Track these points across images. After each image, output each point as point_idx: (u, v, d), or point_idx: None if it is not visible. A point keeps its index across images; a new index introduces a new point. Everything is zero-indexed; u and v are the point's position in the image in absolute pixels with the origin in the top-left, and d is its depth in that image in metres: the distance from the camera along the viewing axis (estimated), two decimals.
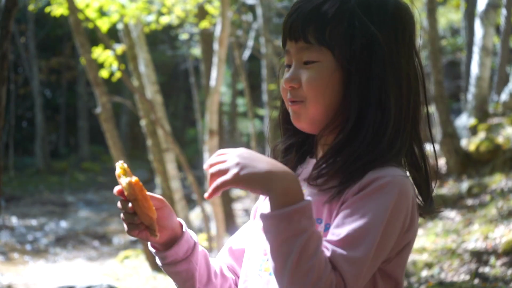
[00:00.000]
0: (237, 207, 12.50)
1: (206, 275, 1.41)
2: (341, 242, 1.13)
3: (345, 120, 1.24)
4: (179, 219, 1.37)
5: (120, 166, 1.26)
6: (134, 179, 1.24)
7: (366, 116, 1.23)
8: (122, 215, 1.26)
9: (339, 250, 1.12)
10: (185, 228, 1.37)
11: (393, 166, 1.22)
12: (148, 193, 1.26)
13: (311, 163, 1.31)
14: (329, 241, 1.14)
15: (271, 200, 1.12)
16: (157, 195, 1.32)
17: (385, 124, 1.23)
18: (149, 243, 1.37)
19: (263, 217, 1.13)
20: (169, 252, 1.35)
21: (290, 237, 1.09)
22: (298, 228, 1.09)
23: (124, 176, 1.25)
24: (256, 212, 1.45)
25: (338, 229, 1.15)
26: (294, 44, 1.30)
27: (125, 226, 1.28)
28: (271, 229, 1.11)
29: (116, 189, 1.25)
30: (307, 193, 1.26)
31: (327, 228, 1.20)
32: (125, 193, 1.23)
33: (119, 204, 1.26)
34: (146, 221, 1.24)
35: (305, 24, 1.27)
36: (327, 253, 1.12)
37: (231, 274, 1.46)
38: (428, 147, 1.34)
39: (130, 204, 1.24)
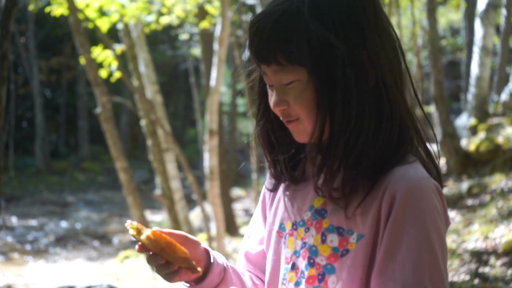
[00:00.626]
0: (237, 207, 12.50)
1: None
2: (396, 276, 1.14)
3: (333, 139, 1.23)
4: (202, 245, 1.36)
5: (130, 226, 1.23)
6: (150, 231, 1.22)
7: (336, 124, 1.22)
8: (156, 269, 1.27)
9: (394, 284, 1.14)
10: (211, 252, 1.37)
11: (410, 162, 1.21)
12: (165, 230, 1.26)
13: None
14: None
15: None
16: (176, 231, 1.31)
17: (372, 123, 1.21)
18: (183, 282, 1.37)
19: None
20: (205, 283, 1.34)
21: None
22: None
23: (139, 233, 1.23)
24: (267, 200, 1.45)
25: (395, 266, 1.15)
26: (267, 68, 1.26)
27: (163, 277, 1.28)
28: None
29: (137, 247, 1.24)
30: (330, 207, 1.26)
31: (359, 239, 1.20)
32: (149, 248, 1.22)
33: (148, 261, 1.25)
34: (183, 264, 1.24)
35: (270, 48, 1.23)
36: None
37: (258, 281, 1.46)
38: (430, 147, 1.32)
39: (158, 257, 1.23)
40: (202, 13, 9.30)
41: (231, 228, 9.75)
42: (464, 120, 8.81)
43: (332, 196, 1.22)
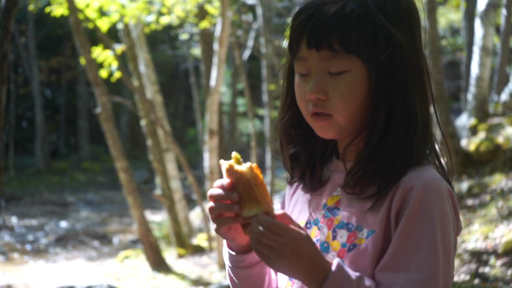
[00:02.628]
0: None
1: (269, 278, 1.38)
2: (409, 268, 1.16)
3: (372, 124, 1.22)
4: None
5: (234, 156, 1.22)
6: (254, 164, 1.19)
7: (394, 119, 1.21)
8: (218, 207, 1.21)
9: (408, 277, 1.15)
10: None
11: (424, 165, 1.23)
12: None
13: (339, 165, 1.29)
14: (398, 276, 1.16)
15: (307, 284, 1.18)
16: None
17: (414, 126, 1.22)
18: (225, 244, 1.32)
19: None
20: (248, 256, 1.29)
21: None
22: None
23: (238, 163, 1.20)
24: (287, 194, 1.43)
25: (401, 261, 1.16)
26: (315, 53, 1.21)
27: (218, 221, 1.22)
28: None
29: (223, 182, 1.20)
30: (345, 201, 1.26)
31: (369, 235, 1.21)
32: (247, 177, 1.16)
33: (220, 195, 1.20)
34: (265, 207, 1.16)
35: (328, 31, 1.19)
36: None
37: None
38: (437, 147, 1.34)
39: (235, 194, 1.18)
40: (202, 13, 9.30)
41: None
42: (464, 120, 8.81)
43: (362, 192, 1.22)
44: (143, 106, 8.67)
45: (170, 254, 8.92)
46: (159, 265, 7.99)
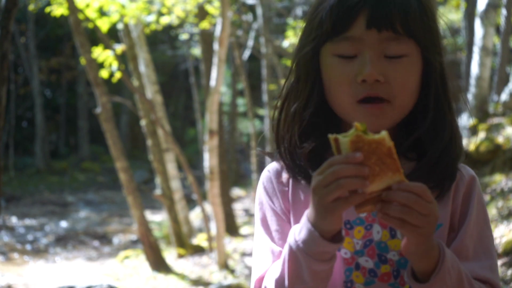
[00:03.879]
0: (237, 207, 12.49)
1: None
2: (479, 255, 1.22)
3: (418, 114, 1.20)
4: None
5: (357, 125, 1.04)
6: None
7: (440, 111, 1.20)
8: (343, 184, 1.03)
9: (481, 263, 1.21)
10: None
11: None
12: None
13: None
14: (468, 257, 1.21)
15: (421, 266, 1.13)
16: None
17: (455, 116, 1.24)
18: (310, 228, 1.10)
19: (426, 286, 1.13)
20: (336, 245, 1.11)
21: (457, 283, 1.14)
22: (455, 271, 1.14)
23: (365, 132, 1.05)
24: (282, 197, 1.28)
25: (468, 242, 1.22)
26: (375, 33, 1.15)
27: (332, 206, 1.05)
28: None
29: (353, 156, 1.02)
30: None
31: (437, 228, 1.21)
32: (388, 146, 1.03)
33: (349, 169, 1.02)
34: (402, 176, 1.05)
35: (393, 12, 1.14)
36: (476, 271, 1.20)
37: None
38: None
39: (366, 168, 1.03)
40: (202, 13, 9.30)
41: (231, 228, 9.75)
42: (464, 120, 8.81)
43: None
44: (143, 106, 8.67)
45: (170, 254, 8.92)
46: (159, 265, 7.99)
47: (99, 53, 7.61)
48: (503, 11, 9.01)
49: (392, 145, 1.04)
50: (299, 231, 1.13)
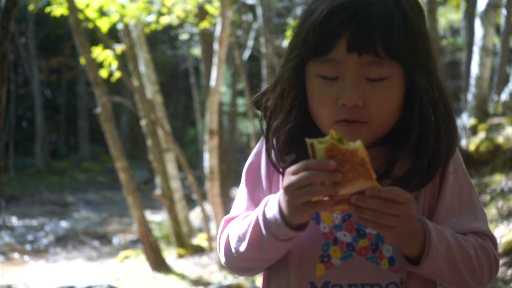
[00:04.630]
0: None
1: None
2: (465, 208, 1.27)
3: (412, 135, 1.22)
4: None
5: (333, 133, 1.09)
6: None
7: (433, 117, 1.23)
8: (314, 190, 1.08)
9: (468, 216, 1.26)
10: None
11: None
12: None
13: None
14: (463, 225, 1.25)
15: (408, 251, 1.18)
16: None
17: (452, 119, 1.26)
18: (276, 214, 1.17)
19: (420, 269, 1.18)
20: (299, 233, 1.19)
21: (449, 256, 1.18)
22: (443, 245, 1.18)
23: (340, 141, 1.09)
24: (267, 179, 1.33)
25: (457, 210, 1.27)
26: (355, 57, 1.14)
27: (301, 208, 1.11)
28: (434, 266, 1.17)
29: (327, 163, 1.07)
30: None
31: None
32: (361, 156, 1.08)
33: (322, 176, 1.06)
34: (375, 182, 1.09)
35: (374, 35, 1.13)
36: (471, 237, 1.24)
37: None
38: None
39: (339, 174, 1.08)
40: (202, 13, 9.30)
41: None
42: (464, 120, 8.81)
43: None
44: (143, 106, 8.68)
45: (170, 254, 8.92)
46: (159, 265, 7.99)
47: (99, 53, 7.61)
48: (503, 11, 9.01)
49: (366, 155, 1.08)
50: (270, 206, 1.20)
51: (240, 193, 1.40)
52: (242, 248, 1.25)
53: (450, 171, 1.26)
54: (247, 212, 1.32)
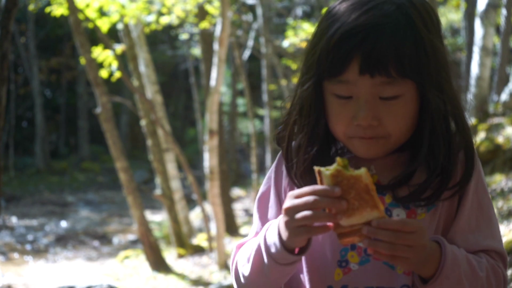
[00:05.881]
0: (237, 207, 12.50)
1: None
2: (481, 225, 1.28)
3: (423, 148, 1.23)
4: None
5: (339, 160, 1.12)
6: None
7: (443, 129, 1.23)
8: (313, 216, 1.11)
9: (483, 233, 1.28)
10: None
11: None
12: None
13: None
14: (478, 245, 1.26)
15: (423, 273, 1.19)
16: None
17: (466, 133, 1.29)
18: (275, 240, 1.20)
19: (432, 286, 1.18)
20: (299, 257, 1.23)
21: (459, 276, 1.18)
22: (458, 266, 1.18)
23: (345, 167, 1.12)
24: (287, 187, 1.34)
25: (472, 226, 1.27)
26: (368, 79, 1.16)
27: (297, 230, 1.14)
28: (446, 285, 1.18)
29: (332, 189, 1.10)
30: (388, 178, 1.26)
31: (430, 208, 1.27)
32: (365, 183, 1.10)
33: (326, 202, 1.10)
34: (382, 212, 1.11)
35: (386, 57, 1.15)
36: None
37: None
38: None
39: (344, 201, 1.10)
40: (202, 13, 9.30)
41: (231, 228, 9.75)
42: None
43: (420, 204, 1.25)
44: (143, 106, 8.68)
45: (170, 254, 8.92)
46: (159, 265, 7.99)
47: (99, 53, 7.61)
48: (503, 11, 9.01)
49: (370, 181, 1.10)
50: (271, 231, 1.23)
51: (253, 219, 1.42)
52: (247, 272, 1.29)
53: (472, 185, 1.27)
54: (255, 238, 1.35)
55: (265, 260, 1.23)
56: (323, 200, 1.10)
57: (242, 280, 1.31)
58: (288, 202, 1.15)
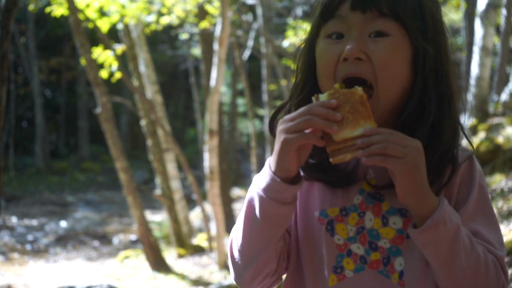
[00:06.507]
0: (237, 207, 12.50)
1: (285, 237, 1.29)
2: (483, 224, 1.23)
3: (411, 102, 1.19)
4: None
5: (337, 83, 1.15)
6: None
7: (441, 101, 1.20)
8: (311, 120, 1.10)
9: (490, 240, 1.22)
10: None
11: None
12: None
13: None
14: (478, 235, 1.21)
15: (418, 210, 1.14)
16: None
17: (456, 107, 1.24)
18: (266, 172, 1.18)
19: (420, 231, 1.14)
20: (292, 187, 1.17)
21: (453, 237, 1.13)
22: (453, 225, 1.14)
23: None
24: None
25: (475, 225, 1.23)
26: (359, 14, 1.17)
27: (292, 135, 1.12)
28: (434, 238, 1.13)
29: (329, 101, 1.11)
30: (386, 190, 1.23)
31: None
32: (360, 94, 1.11)
33: (323, 111, 1.10)
34: (375, 123, 1.11)
35: None
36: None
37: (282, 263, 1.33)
38: None
39: (338, 114, 1.10)
40: (202, 13, 9.31)
41: (231, 228, 9.72)
42: (464, 120, 8.81)
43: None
44: (143, 106, 8.68)
45: (170, 254, 8.92)
46: (159, 265, 7.99)
47: (99, 53, 7.61)
48: (503, 11, 9.01)
49: (364, 94, 1.12)
50: (260, 175, 1.21)
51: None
52: (241, 230, 1.28)
53: (477, 181, 1.25)
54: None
55: (261, 205, 1.19)
56: (319, 109, 1.10)
57: (236, 253, 1.27)
58: (283, 124, 1.14)
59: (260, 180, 1.19)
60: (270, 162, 1.18)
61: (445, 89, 1.22)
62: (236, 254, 1.28)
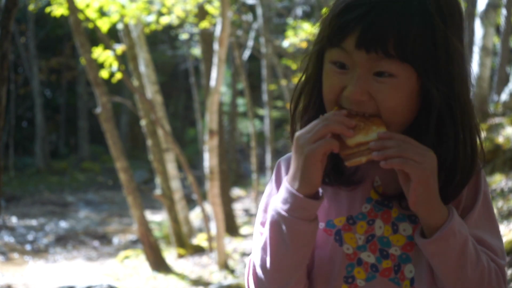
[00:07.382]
0: (237, 207, 12.50)
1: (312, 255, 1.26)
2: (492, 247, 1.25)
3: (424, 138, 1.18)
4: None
5: None
6: None
7: (453, 132, 1.21)
8: (329, 124, 1.12)
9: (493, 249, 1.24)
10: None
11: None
12: None
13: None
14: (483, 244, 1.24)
15: (428, 219, 1.15)
16: None
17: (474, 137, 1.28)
18: (285, 190, 1.17)
19: (430, 242, 1.15)
20: (316, 202, 1.16)
21: (461, 248, 1.15)
22: (462, 236, 1.15)
23: None
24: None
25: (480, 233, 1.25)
26: (364, 53, 1.14)
27: (314, 145, 1.12)
28: (443, 249, 1.14)
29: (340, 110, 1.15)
30: (393, 190, 1.23)
31: None
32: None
33: (338, 117, 1.13)
34: (383, 130, 1.13)
35: (386, 35, 1.12)
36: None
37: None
38: None
39: (352, 120, 1.14)
40: (202, 13, 9.31)
41: (231, 228, 9.75)
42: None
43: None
44: (143, 106, 8.68)
45: (170, 254, 8.92)
46: (159, 265, 7.99)
47: (99, 53, 7.61)
48: (503, 11, 9.02)
49: None
50: (279, 198, 1.19)
51: (255, 230, 1.37)
52: (267, 256, 1.21)
53: (482, 188, 1.26)
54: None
55: (284, 225, 1.17)
56: (333, 116, 1.13)
57: (263, 275, 1.22)
58: (300, 131, 1.16)
59: (280, 202, 1.18)
60: (289, 182, 1.17)
61: (461, 124, 1.24)
62: (264, 285, 1.24)
